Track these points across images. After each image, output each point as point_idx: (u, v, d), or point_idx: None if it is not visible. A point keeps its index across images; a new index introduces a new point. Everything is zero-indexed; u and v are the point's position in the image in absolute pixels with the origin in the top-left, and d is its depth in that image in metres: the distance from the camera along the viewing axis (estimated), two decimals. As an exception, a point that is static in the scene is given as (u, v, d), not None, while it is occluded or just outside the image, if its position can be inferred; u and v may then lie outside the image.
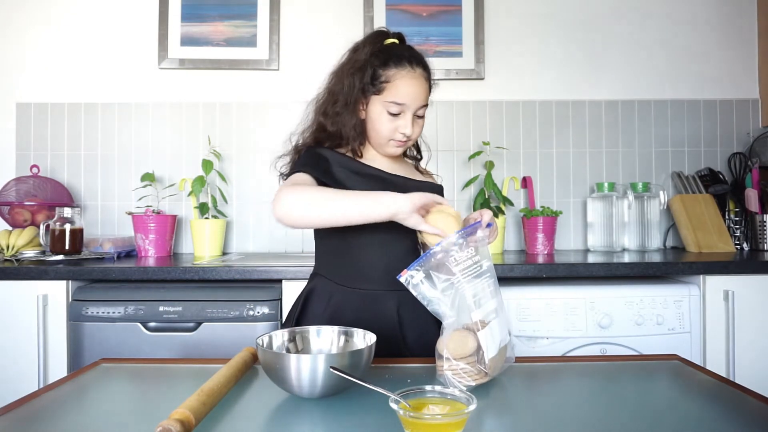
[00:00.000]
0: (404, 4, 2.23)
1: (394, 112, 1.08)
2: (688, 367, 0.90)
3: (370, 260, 1.10)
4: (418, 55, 1.12)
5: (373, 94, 1.08)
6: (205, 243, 1.98)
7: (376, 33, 1.15)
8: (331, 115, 1.12)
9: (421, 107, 1.10)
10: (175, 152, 2.21)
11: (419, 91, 1.08)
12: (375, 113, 1.09)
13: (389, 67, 1.07)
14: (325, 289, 1.13)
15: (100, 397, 0.79)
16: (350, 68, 1.10)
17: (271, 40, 2.21)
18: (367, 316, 1.08)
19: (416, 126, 1.11)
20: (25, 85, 2.20)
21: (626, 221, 2.08)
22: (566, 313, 1.58)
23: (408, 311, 1.10)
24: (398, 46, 1.12)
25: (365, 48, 1.11)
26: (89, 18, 2.21)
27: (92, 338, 1.54)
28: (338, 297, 1.11)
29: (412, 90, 1.07)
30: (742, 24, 2.27)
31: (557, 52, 2.26)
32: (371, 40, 1.13)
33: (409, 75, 1.07)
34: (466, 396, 0.62)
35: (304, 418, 0.69)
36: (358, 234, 1.07)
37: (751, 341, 1.59)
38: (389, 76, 1.07)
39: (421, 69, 1.10)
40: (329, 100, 1.14)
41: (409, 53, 1.10)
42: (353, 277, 1.11)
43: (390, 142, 1.11)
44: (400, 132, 1.09)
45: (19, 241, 1.82)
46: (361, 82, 1.08)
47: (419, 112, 1.10)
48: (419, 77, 1.09)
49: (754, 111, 2.26)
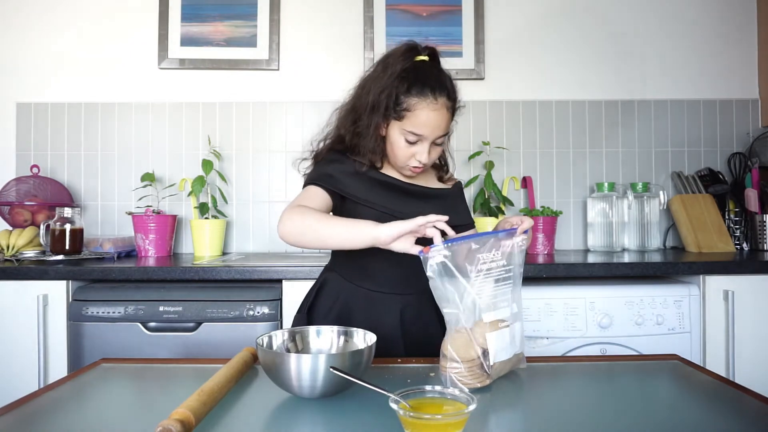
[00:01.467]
0: (404, 4, 2.23)
1: (412, 141, 1.07)
2: (688, 367, 0.90)
3: (379, 263, 1.12)
4: (444, 82, 1.09)
5: (394, 119, 1.07)
6: (205, 243, 1.98)
7: (407, 48, 1.11)
8: (351, 131, 1.13)
9: (442, 136, 1.09)
10: (175, 152, 2.21)
11: (439, 122, 1.06)
12: (393, 137, 1.09)
13: (411, 96, 1.05)
14: (335, 285, 1.17)
15: (100, 397, 0.79)
16: (377, 87, 1.09)
17: (271, 40, 2.21)
18: (371, 316, 1.11)
19: (433, 153, 1.10)
20: (25, 85, 2.20)
21: (626, 221, 2.08)
22: (566, 313, 1.58)
23: (411, 315, 1.13)
24: (426, 69, 1.09)
25: (395, 65, 1.08)
26: (89, 18, 2.21)
27: (92, 338, 1.54)
28: (346, 294, 1.14)
29: (431, 122, 1.05)
30: (742, 24, 2.27)
31: (557, 52, 2.26)
32: (401, 56, 1.10)
33: (430, 107, 1.05)
34: (466, 396, 0.62)
35: (304, 418, 0.69)
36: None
37: (751, 341, 1.59)
38: (410, 105, 1.05)
39: (445, 98, 1.07)
40: (351, 115, 1.14)
41: (435, 81, 1.07)
42: (362, 276, 1.14)
43: (405, 167, 1.11)
44: (415, 159, 1.08)
45: (19, 241, 1.82)
46: (384, 105, 1.07)
47: (438, 141, 1.09)
48: (440, 108, 1.06)
49: (754, 111, 2.26)
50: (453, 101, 1.10)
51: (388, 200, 1.12)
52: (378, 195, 1.11)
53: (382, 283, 1.13)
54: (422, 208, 1.09)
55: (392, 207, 1.11)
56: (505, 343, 0.83)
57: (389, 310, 1.12)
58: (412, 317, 1.13)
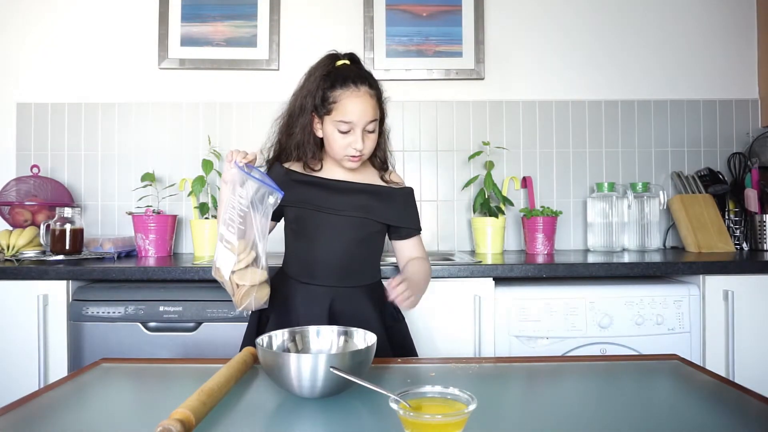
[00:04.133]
0: (404, 4, 2.23)
1: (344, 130, 1.16)
2: (687, 367, 0.90)
3: (316, 259, 1.22)
4: (365, 74, 1.19)
5: (325, 115, 1.17)
6: (205, 243, 1.98)
7: (327, 56, 1.23)
8: (288, 135, 1.25)
9: (370, 122, 1.17)
10: (175, 152, 2.21)
11: (365, 108, 1.15)
12: (328, 132, 1.19)
13: (335, 89, 1.16)
14: (278, 280, 1.27)
15: (100, 397, 0.79)
16: (304, 92, 1.21)
17: (271, 40, 2.21)
18: (304, 306, 1.19)
19: (368, 140, 1.19)
20: (25, 85, 2.20)
21: (626, 221, 2.08)
22: (566, 313, 1.58)
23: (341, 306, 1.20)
24: (346, 68, 1.20)
25: (317, 71, 1.20)
26: (89, 18, 2.21)
27: (92, 338, 1.54)
28: (286, 288, 1.24)
29: (357, 108, 1.15)
30: (742, 24, 2.27)
31: (557, 52, 2.26)
32: (322, 64, 1.22)
33: (353, 94, 1.15)
34: (466, 396, 0.62)
35: (304, 418, 0.69)
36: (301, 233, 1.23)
37: (751, 341, 1.59)
38: (336, 97, 1.16)
39: (367, 87, 1.17)
40: (287, 121, 1.26)
41: (355, 73, 1.18)
42: (300, 271, 1.24)
43: (344, 158, 1.19)
44: (351, 148, 1.17)
45: (19, 241, 1.82)
46: (312, 104, 1.18)
47: (369, 128, 1.17)
48: (364, 95, 1.16)
49: (754, 111, 2.26)
50: (376, 89, 1.20)
51: (311, 197, 1.22)
52: (300, 194, 1.22)
53: (316, 276, 1.21)
54: (347, 201, 1.22)
55: (314, 202, 1.21)
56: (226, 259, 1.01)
57: (320, 300, 1.19)
58: (341, 308, 1.20)
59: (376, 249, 1.29)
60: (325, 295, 1.20)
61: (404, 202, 1.30)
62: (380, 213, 1.24)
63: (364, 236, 1.23)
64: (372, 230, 1.24)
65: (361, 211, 1.22)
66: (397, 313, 1.30)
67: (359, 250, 1.23)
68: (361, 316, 1.20)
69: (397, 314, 1.30)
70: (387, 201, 1.26)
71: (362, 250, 1.24)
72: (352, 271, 1.23)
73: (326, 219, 1.21)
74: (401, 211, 1.28)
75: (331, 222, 1.21)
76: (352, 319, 1.17)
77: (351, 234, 1.22)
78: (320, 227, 1.22)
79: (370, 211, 1.23)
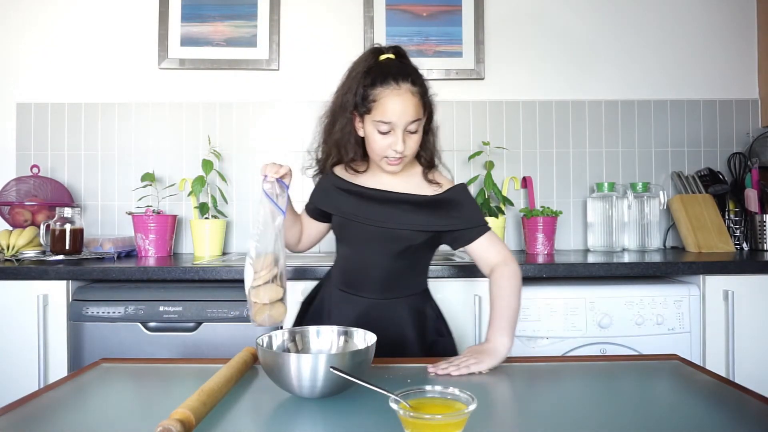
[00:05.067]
0: (404, 4, 2.23)
1: (384, 131, 1.08)
2: (688, 367, 0.90)
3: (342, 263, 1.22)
4: (408, 71, 1.10)
5: (365, 114, 1.10)
6: (205, 243, 1.98)
7: (370, 50, 1.15)
8: (329, 134, 1.19)
9: (412, 122, 1.08)
10: (175, 152, 2.21)
11: (405, 107, 1.07)
12: (368, 132, 1.11)
13: (375, 87, 1.07)
14: (322, 285, 1.28)
15: (100, 397, 0.79)
16: (344, 89, 1.13)
17: (271, 40, 2.21)
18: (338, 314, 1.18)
19: (410, 141, 1.10)
20: (25, 85, 2.20)
21: (626, 221, 2.08)
22: (566, 313, 1.58)
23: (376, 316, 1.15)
24: (388, 63, 1.11)
25: (358, 67, 1.12)
26: (89, 18, 2.21)
27: (92, 338, 1.54)
28: (324, 292, 1.25)
29: (398, 108, 1.06)
30: (742, 24, 2.27)
31: (557, 51, 2.26)
32: (364, 59, 1.13)
33: (393, 93, 1.06)
34: (466, 396, 0.62)
35: (304, 418, 0.69)
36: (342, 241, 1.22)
37: (751, 341, 1.59)
38: (375, 96, 1.07)
39: (409, 84, 1.07)
40: (330, 120, 1.19)
41: (397, 69, 1.09)
42: (338, 279, 1.22)
43: (383, 160, 1.12)
44: (392, 149, 1.09)
45: (19, 241, 1.82)
46: (353, 102, 1.10)
47: (410, 128, 1.09)
48: (405, 93, 1.07)
49: (754, 111, 2.26)
50: (419, 87, 1.10)
51: (350, 206, 1.18)
52: (341, 203, 1.19)
53: (353, 285, 1.18)
54: (387, 211, 1.15)
55: (354, 212, 1.17)
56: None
57: (354, 309, 1.16)
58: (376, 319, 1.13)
59: (420, 260, 1.21)
60: (360, 304, 1.16)
61: (453, 204, 1.17)
62: (423, 222, 1.14)
63: (405, 248, 1.14)
64: (415, 242, 1.14)
65: (402, 223, 1.13)
66: (442, 327, 1.23)
67: (400, 262, 1.16)
68: (398, 329, 1.14)
69: (442, 328, 1.23)
70: (432, 208, 1.16)
71: (403, 263, 1.16)
72: (392, 284, 1.17)
73: (364, 230, 1.15)
74: (449, 215, 1.16)
75: (369, 233, 1.15)
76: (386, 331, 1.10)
77: (390, 246, 1.14)
78: (359, 238, 1.17)
79: (410, 221, 1.14)
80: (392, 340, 1.12)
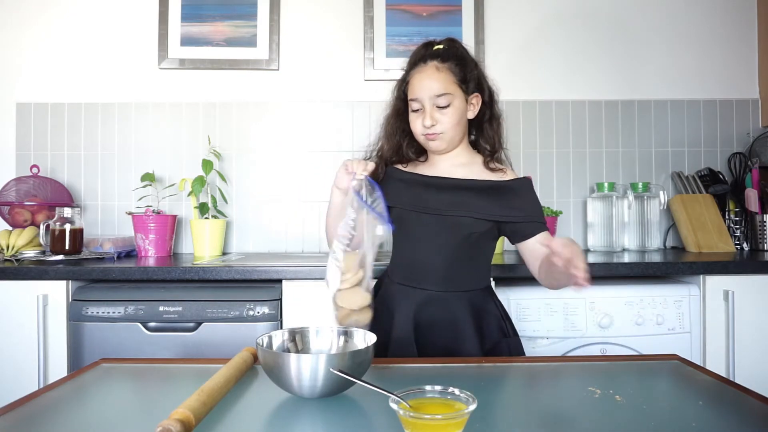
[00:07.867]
0: (404, 4, 2.23)
1: (415, 108, 1.14)
2: (688, 367, 0.90)
3: (400, 255, 1.20)
4: (440, 52, 1.13)
5: (409, 100, 1.15)
6: (205, 243, 1.98)
7: (422, 43, 1.18)
8: (387, 126, 1.24)
9: (438, 97, 1.10)
10: (175, 152, 2.21)
11: (429, 82, 1.11)
12: (409, 115, 1.17)
13: (410, 71, 1.15)
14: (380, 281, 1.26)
15: (100, 397, 0.79)
16: (398, 81, 1.21)
17: (271, 40, 2.21)
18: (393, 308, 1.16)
19: (441, 115, 1.12)
20: (25, 85, 2.20)
21: (626, 221, 2.08)
22: (566, 313, 1.58)
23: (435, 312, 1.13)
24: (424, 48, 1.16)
25: (409, 59, 1.19)
26: (89, 18, 2.21)
27: (92, 338, 1.54)
28: (384, 288, 1.23)
29: (421, 83, 1.11)
30: (742, 24, 2.27)
31: (557, 52, 2.26)
32: (414, 51, 1.18)
33: (419, 70, 1.13)
34: (466, 396, 0.62)
35: (304, 418, 0.69)
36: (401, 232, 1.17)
37: (751, 341, 1.59)
38: (409, 77, 1.15)
39: (436, 61, 1.11)
40: (389, 113, 1.25)
41: (430, 52, 1.13)
42: (394, 271, 1.21)
43: (422, 138, 1.16)
44: (422, 125, 1.12)
45: (19, 241, 1.82)
46: (399, 90, 1.19)
47: (439, 102, 1.11)
48: (429, 69, 1.11)
49: (754, 111, 2.26)
50: (447, 61, 1.12)
51: (408, 196, 1.17)
52: (399, 192, 1.18)
53: (412, 278, 1.16)
54: (445, 198, 1.14)
55: (412, 201, 1.16)
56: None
57: (411, 303, 1.14)
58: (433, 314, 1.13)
59: (482, 252, 1.18)
60: (419, 296, 1.13)
61: (515, 195, 1.13)
62: (483, 209, 1.11)
63: (465, 236, 1.11)
64: (475, 230, 1.11)
65: (460, 209, 1.11)
66: (508, 327, 1.18)
67: (460, 252, 1.13)
68: (455, 326, 1.12)
69: (507, 328, 1.18)
70: (493, 196, 1.13)
71: (464, 253, 1.13)
72: (453, 275, 1.13)
73: (422, 219, 1.14)
74: (511, 205, 1.12)
75: (428, 222, 1.13)
76: (442, 329, 1.10)
77: (450, 234, 1.12)
78: (417, 227, 1.14)
79: (470, 208, 1.11)
80: (449, 337, 1.11)
